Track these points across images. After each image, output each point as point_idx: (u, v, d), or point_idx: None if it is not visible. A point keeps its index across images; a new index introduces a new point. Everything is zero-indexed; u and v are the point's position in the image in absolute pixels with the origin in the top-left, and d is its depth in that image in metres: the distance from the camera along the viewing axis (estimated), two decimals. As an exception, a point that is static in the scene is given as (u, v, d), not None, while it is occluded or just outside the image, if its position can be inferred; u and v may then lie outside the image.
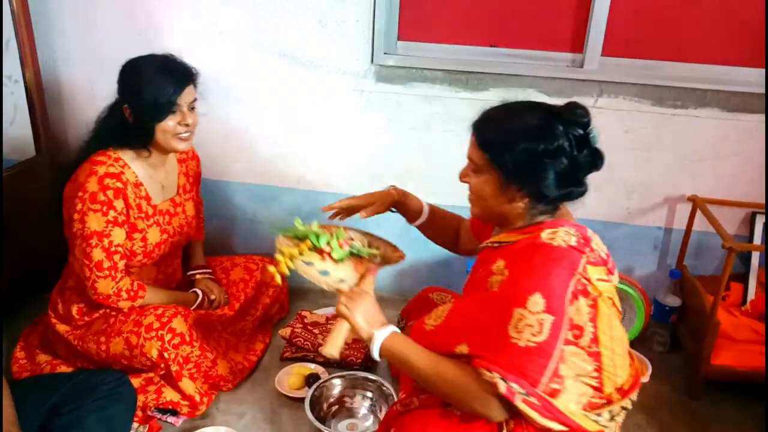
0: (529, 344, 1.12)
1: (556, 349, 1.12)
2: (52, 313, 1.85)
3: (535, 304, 1.13)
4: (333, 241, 1.51)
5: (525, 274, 1.17)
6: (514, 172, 1.21)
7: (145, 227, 1.75)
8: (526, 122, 1.22)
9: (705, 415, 1.88)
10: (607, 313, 1.19)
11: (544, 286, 1.14)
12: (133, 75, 1.67)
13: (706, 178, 2.09)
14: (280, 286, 2.17)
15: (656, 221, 2.19)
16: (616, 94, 2.04)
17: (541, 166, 1.19)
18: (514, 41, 2.11)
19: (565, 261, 1.16)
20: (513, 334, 1.13)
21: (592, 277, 1.18)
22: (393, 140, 2.21)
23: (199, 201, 2.10)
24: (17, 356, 1.90)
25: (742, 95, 1.98)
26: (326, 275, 1.42)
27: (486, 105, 2.07)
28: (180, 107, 1.68)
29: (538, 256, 1.18)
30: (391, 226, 2.35)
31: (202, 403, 1.75)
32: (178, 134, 1.70)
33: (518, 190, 1.23)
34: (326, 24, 2.08)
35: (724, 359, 1.87)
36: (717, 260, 2.19)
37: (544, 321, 1.12)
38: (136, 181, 1.73)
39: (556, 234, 1.20)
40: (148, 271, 1.86)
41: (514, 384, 1.12)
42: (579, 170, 1.23)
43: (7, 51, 2.05)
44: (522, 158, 1.19)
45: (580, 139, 1.21)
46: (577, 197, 1.27)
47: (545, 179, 1.20)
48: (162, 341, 1.66)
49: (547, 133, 1.19)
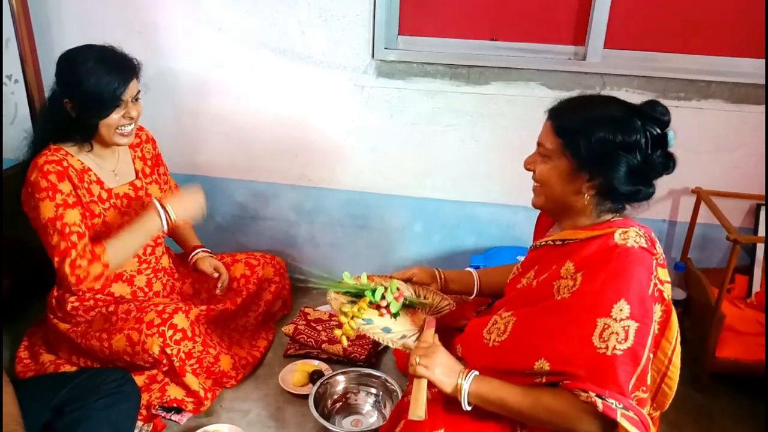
0: (616, 352, 1.10)
1: (643, 356, 1.11)
2: (51, 314, 1.86)
3: (619, 311, 1.11)
4: (388, 295, 1.52)
5: (604, 281, 1.14)
6: (587, 159, 1.20)
7: (101, 211, 1.73)
8: (606, 112, 1.22)
9: (710, 407, 1.87)
10: (675, 315, 1.20)
11: (627, 291, 1.12)
12: (74, 69, 1.62)
13: (711, 170, 2.08)
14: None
15: (660, 214, 2.17)
16: (618, 86, 2.02)
17: (615, 158, 1.17)
18: (515, 34, 2.10)
19: (642, 263, 1.15)
20: (598, 344, 1.11)
21: (663, 280, 1.18)
22: (394, 135, 2.20)
23: (176, 186, 2.08)
24: (21, 356, 1.91)
25: (746, 86, 1.96)
26: (388, 332, 1.42)
27: (488, 99, 2.09)
28: (125, 102, 1.66)
29: (615, 261, 1.15)
30: (394, 222, 2.35)
31: (207, 399, 1.75)
32: (121, 127, 1.68)
33: (588, 180, 1.21)
34: (326, 19, 2.07)
35: (729, 352, 1.87)
36: (721, 253, 2.18)
37: (630, 327, 1.10)
38: (82, 168, 1.71)
39: (627, 234, 1.18)
40: (130, 263, 1.84)
41: (611, 399, 1.09)
42: (651, 169, 1.21)
43: (7, 50, 2.05)
44: (597, 147, 1.18)
45: (657, 138, 1.20)
46: (644, 198, 1.24)
47: (616, 172, 1.18)
48: (163, 337, 1.66)
49: (625, 126, 1.18)
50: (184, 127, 2.30)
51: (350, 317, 1.42)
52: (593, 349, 1.11)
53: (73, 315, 1.80)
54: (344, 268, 2.43)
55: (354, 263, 2.44)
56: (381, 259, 2.42)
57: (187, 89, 2.24)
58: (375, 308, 1.50)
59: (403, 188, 2.27)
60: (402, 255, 2.40)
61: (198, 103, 2.26)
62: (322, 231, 2.41)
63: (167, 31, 2.17)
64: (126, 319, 1.72)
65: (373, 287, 1.53)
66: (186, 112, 2.28)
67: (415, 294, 1.62)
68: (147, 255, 1.88)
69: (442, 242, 2.35)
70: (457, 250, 2.34)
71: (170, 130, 2.29)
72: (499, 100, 2.08)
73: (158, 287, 1.91)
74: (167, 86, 2.24)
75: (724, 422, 1.82)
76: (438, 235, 2.34)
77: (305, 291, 2.44)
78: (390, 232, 2.37)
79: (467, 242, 2.31)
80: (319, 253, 2.45)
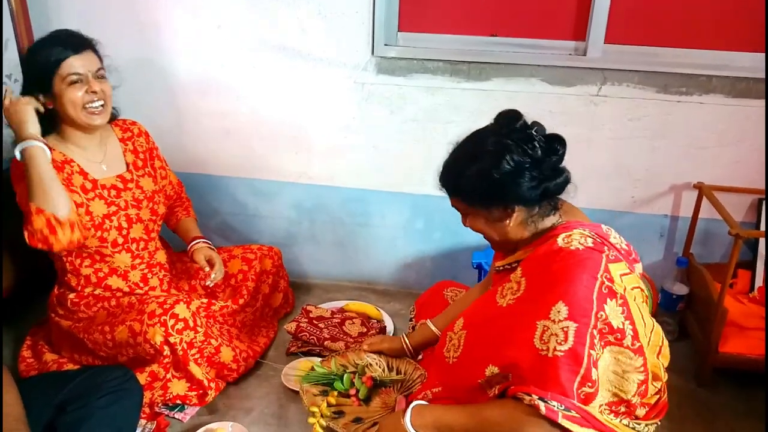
0: (557, 353, 1.12)
1: (584, 354, 1.11)
2: (52, 312, 1.86)
3: (557, 313, 1.13)
4: (357, 380, 1.55)
5: (544, 285, 1.17)
6: (484, 198, 1.25)
7: (84, 201, 1.73)
8: (464, 151, 1.28)
9: (713, 402, 1.87)
10: (636, 306, 1.19)
11: (565, 293, 1.14)
12: (27, 57, 1.71)
13: (712, 164, 2.07)
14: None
15: (662, 209, 2.17)
16: (619, 81, 2.02)
17: (501, 181, 1.20)
18: (515, 30, 2.09)
19: (586, 264, 1.16)
20: (540, 346, 1.14)
21: (615, 275, 1.18)
22: (395, 133, 2.20)
23: (178, 183, 2.08)
24: (24, 355, 1.91)
25: (747, 81, 1.96)
26: (359, 422, 1.45)
27: (489, 95, 2.09)
28: (83, 75, 1.66)
29: (556, 264, 1.18)
30: (395, 219, 2.35)
31: (210, 388, 1.75)
32: (88, 105, 1.68)
33: (503, 210, 1.25)
34: (326, 16, 2.06)
35: (731, 347, 1.86)
36: (724, 247, 2.17)
37: (569, 328, 1.12)
38: (64, 159, 1.72)
39: (571, 238, 1.20)
40: (123, 258, 1.84)
41: (553, 402, 1.11)
42: (540, 163, 1.21)
43: (6, 51, 2.04)
44: (478, 184, 1.23)
45: (522, 139, 1.21)
46: (559, 188, 1.25)
47: (514, 188, 1.20)
48: (165, 327, 1.66)
49: (484, 151, 1.22)
50: (184, 125, 2.30)
51: (318, 416, 1.45)
52: (535, 351, 1.14)
53: (74, 311, 1.81)
54: (345, 266, 2.46)
55: (355, 261, 2.45)
56: (382, 257, 2.42)
57: (187, 87, 2.24)
58: (346, 396, 1.53)
59: (404, 185, 2.27)
60: (404, 253, 2.40)
61: (198, 101, 2.26)
62: (323, 229, 2.41)
63: (167, 29, 2.17)
64: (128, 311, 1.73)
65: (341, 373, 1.56)
66: (186, 110, 2.28)
67: (388, 367, 1.64)
68: (140, 250, 1.87)
69: (444, 239, 2.35)
70: (459, 246, 2.34)
71: (170, 128, 2.29)
72: (500, 96, 2.08)
73: (155, 282, 1.91)
74: (167, 84, 2.23)
75: (726, 417, 1.81)
76: (439, 232, 2.34)
77: (307, 288, 2.44)
78: (391, 230, 2.37)
79: (468, 239, 2.31)
80: (320, 251, 2.45)
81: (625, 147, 2.09)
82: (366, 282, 2.47)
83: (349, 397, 1.53)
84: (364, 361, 1.64)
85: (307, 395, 1.54)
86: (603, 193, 2.16)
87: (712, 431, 1.77)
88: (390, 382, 1.59)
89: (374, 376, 1.58)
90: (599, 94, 2.03)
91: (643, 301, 1.26)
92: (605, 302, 1.14)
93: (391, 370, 1.63)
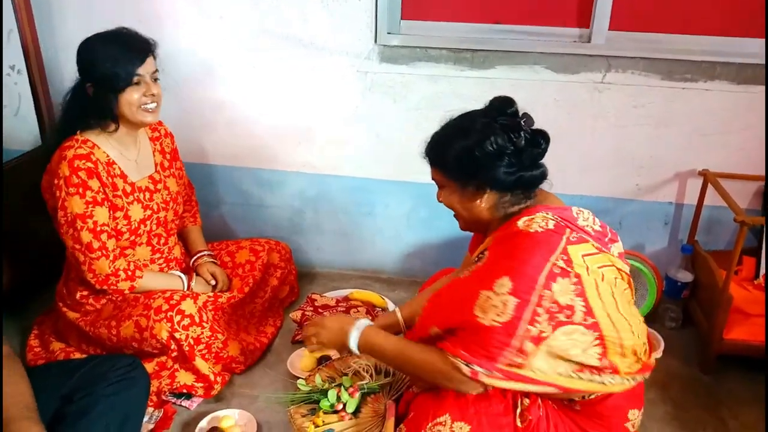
0: (494, 324, 1.18)
1: (519, 329, 1.17)
2: (60, 302, 1.87)
3: (501, 286, 1.19)
4: (343, 394, 1.54)
5: (498, 259, 1.25)
6: (462, 173, 1.31)
7: (125, 204, 1.76)
8: (454, 127, 1.34)
9: (718, 389, 1.87)
10: (593, 284, 1.23)
11: (512, 269, 1.20)
12: (91, 51, 1.68)
13: (717, 151, 2.06)
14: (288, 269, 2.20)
15: (667, 197, 2.17)
16: (624, 68, 2.01)
17: (481, 160, 1.26)
18: (518, 17, 2.08)
19: (541, 247, 1.21)
20: (479, 314, 1.20)
21: (575, 256, 1.22)
22: (398, 121, 2.19)
23: (189, 184, 2.10)
24: (31, 344, 1.93)
25: (752, 67, 1.94)
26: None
27: (492, 83, 2.08)
28: (143, 77, 1.69)
29: (511, 243, 1.25)
30: (399, 208, 2.35)
31: (217, 383, 1.77)
32: (144, 105, 1.71)
33: (476, 189, 1.30)
34: (328, 5, 2.05)
35: (736, 334, 1.87)
36: (729, 234, 2.17)
37: (508, 302, 1.18)
38: (107, 160, 1.73)
39: (532, 221, 1.26)
40: (143, 252, 1.86)
41: (476, 366, 1.19)
42: (520, 153, 1.27)
43: (9, 41, 2.04)
44: (460, 159, 1.29)
45: (510, 126, 1.27)
46: (534, 180, 1.30)
47: (491, 170, 1.26)
48: (171, 323, 1.68)
49: (472, 129, 1.28)
50: (187, 115, 2.30)
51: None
52: (473, 318, 1.21)
53: (82, 304, 1.82)
54: (349, 255, 2.46)
55: (359, 250, 2.45)
56: (386, 245, 2.42)
57: (190, 78, 2.24)
58: (334, 412, 1.53)
59: (407, 174, 2.27)
60: (407, 241, 2.40)
61: (201, 91, 2.26)
62: (326, 218, 2.41)
63: (169, 19, 2.16)
64: (135, 306, 1.74)
65: (326, 389, 1.55)
66: (189, 100, 2.28)
67: (376, 370, 1.63)
68: (161, 245, 1.90)
69: (447, 227, 2.34)
70: (462, 235, 2.33)
71: (173, 119, 2.27)
72: (504, 84, 2.07)
73: None
74: (170, 75, 2.23)
75: (731, 404, 1.82)
76: (442, 221, 2.33)
77: (312, 277, 2.44)
78: (395, 219, 2.37)
79: (472, 227, 2.31)
80: (324, 241, 2.46)
81: (629, 134, 2.08)
82: (370, 270, 2.47)
83: (337, 412, 1.52)
84: (350, 369, 1.63)
85: (294, 419, 1.53)
86: (607, 180, 2.16)
87: (716, 418, 1.77)
88: (378, 388, 1.58)
89: (361, 384, 1.57)
90: (603, 82, 2.02)
91: (620, 279, 1.30)
92: (554, 281, 1.19)
93: (379, 373, 1.63)
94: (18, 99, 2.12)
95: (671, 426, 1.73)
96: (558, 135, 2.12)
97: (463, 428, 1.26)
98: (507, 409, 1.29)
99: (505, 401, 1.29)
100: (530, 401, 1.30)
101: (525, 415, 1.29)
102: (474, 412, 1.27)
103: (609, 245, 1.32)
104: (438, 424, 1.27)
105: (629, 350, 1.26)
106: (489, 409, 1.28)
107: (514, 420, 1.29)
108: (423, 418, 1.30)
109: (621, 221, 2.22)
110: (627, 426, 1.35)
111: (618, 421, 1.34)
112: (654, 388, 1.85)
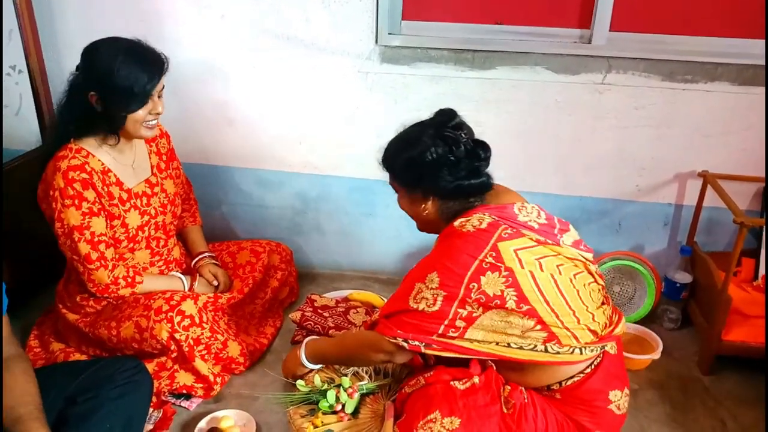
0: (425, 311, 1.32)
1: (449, 315, 1.31)
2: (60, 304, 1.87)
3: (431, 281, 1.32)
4: (342, 395, 1.55)
5: (433, 255, 1.37)
6: (407, 181, 1.43)
7: (121, 213, 1.75)
8: (403, 137, 1.45)
9: (716, 390, 1.88)
10: (527, 275, 1.30)
11: (441, 265, 1.32)
12: (109, 62, 1.58)
13: (717, 153, 2.06)
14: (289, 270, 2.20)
15: (666, 198, 2.17)
16: (625, 69, 2.01)
17: (423, 169, 1.36)
18: (519, 18, 2.08)
19: (470, 244, 1.31)
20: (412, 304, 1.34)
21: (505, 252, 1.31)
22: (399, 122, 2.18)
23: (187, 182, 2.09)
24: (31, 345, 1.93)
25: (753, 68, 1.95)
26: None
27: (493, 83, 2.08)
28: (152, 96, 1.66)
29: (445, 241, 1.37)
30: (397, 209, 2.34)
31: (216, 383, 1.77)
32: (147, 122, 1.69)
33: (423, 195, 1.41)
34: (329, 5, 2.05)
35: (735, 335, 1.87)
36: (728, 236, 2.17)
37: (438, 296, 1.31)
38: (102, 169, 1.71)
39: (468, 221, 1.35)
40: (143, 255, 1.86)
41: (415, 341, 1.33)
42: (459, 164, 1.36)
43: (10, 41, 2.04)
44: (405, 168, 1.41)
45: (452, 138, 1.36)
46: (474, 189, 1.39)
47: (433, 179, 1.37)
48: (171, 323, 1.68)
49: (416, 141, 1.38)
50: (187, 115, 2.30)
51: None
52: (408, 305, 1.35)
53: (82, 305, 1.82)
54: (351, 256, 2.46)
55: (359, 251, 2.45)
56: (386, 246, 2.42)
57: (191, 78, 2.24)
58: (333, 413, 1.54)
59: (408, 175, 2.27)
60: (408, 242, 2.40)
61: (201, 91, 2.26)
62: (327, 218, 2.42)
63: (169, 19, 2.16)
64: (135, 306, 1.74)
65: (326, 389, 1.57)
66: (189, 100, 2.28)
67: (375, 371, 1.65)
68: (160, 247, 1.90)
69: (448, 228, 2.35)
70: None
71: (174, 119, 2.27)
72: (504, 84, 2.07)
73: None
74: (170, 75, 2.18)
75: (730, 405, 1.82)
76: (443, 221, 2.34)
77: (312, 278, 2.45)
78: (396, 219, 2.36)
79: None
80: (325, 241, 2.46)
81: (629, 135, 2.08)
82: (370, 271, 2.47)
83: (336, 413, 1.53)
84: (349, 370, 1.64)
85: (293, 420, 1.53)
86: (607, 181, 2.16)
87: (715, 419, 1.77)
88: (377, 388, 1.58)
89: (360, 385, 1.58)
90: (604, 82, 2.03)
91: (567, 266, 1.36)
92: (483, 275, 1.29)
93: (378, 374, 1.63)
94: (19, 99, 2.12)
95: (670, 427, 1.74)
96: (558, 136, 2.12)
97: (453, 422, 1.31)
98: (494, 399, 1.36)
99: (491, 391, 1.36)
100: (511, 387, 1.38)
101: (509, 400, 1.36)
102: (463, 406, 1.33)
103: (559, 236, 1.39)
104: (429, 422, 1.32)
105: (581, 330, 1.32)
106: (477, 401, 1.34)
107: (501, 408, 1.35)
108: (414, 417, 1.35)
109: (620, 222, 2.22)
110: (611, 408, 1.40)
111: (601, 404, 1.39)
112: (653, 389, 1.86)
